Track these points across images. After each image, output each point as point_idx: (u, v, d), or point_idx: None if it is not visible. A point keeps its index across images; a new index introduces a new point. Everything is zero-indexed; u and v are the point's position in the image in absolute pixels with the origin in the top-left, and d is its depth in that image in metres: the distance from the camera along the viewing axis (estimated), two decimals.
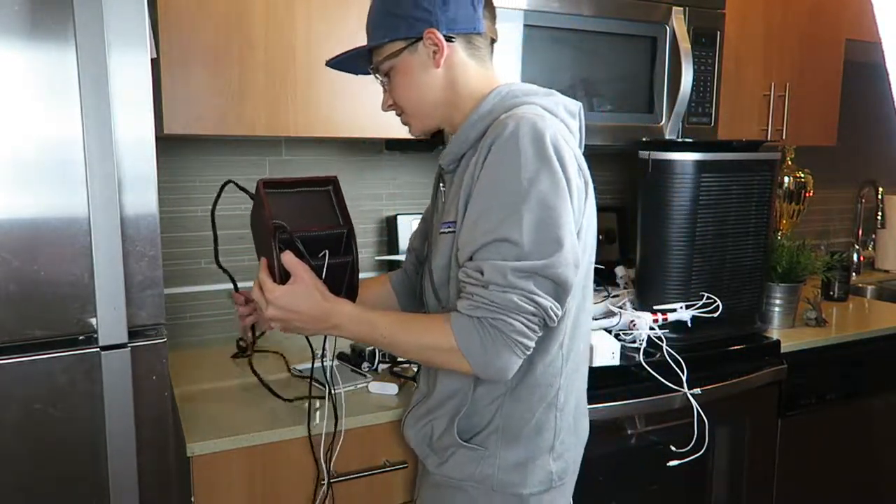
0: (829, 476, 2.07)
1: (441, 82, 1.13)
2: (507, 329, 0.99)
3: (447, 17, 1.09)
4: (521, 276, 0.99)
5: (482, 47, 1.15)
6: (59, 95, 1.04)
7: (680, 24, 1.87)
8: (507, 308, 0.99)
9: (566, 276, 1.01)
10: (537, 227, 0.99)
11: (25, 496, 1.09)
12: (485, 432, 1.13)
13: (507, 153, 1.01)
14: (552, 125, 1.04)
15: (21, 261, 1.04)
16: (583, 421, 1.25)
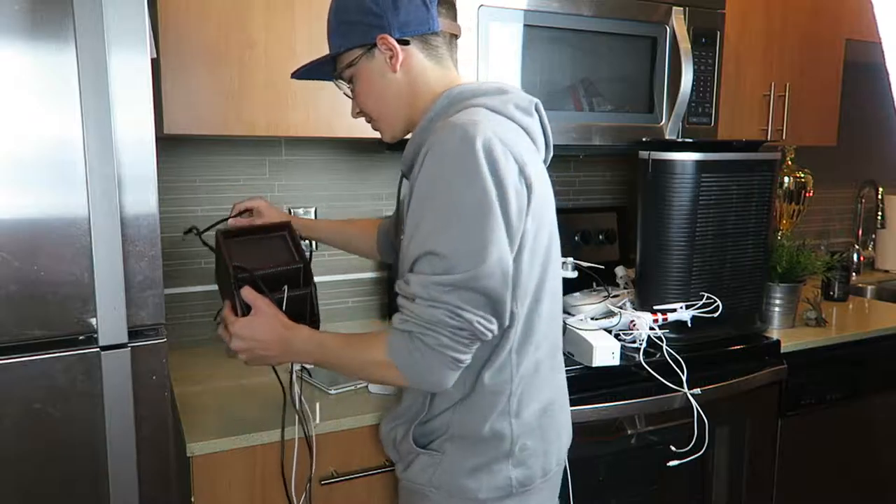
0: (829, 476, 2.07)
1: (401, 86, 1.12)
2: (434, 344, 0.98)
3: (399, 21, 1.08)
4: (445, 289, 0.97)
5: (440, 46, 1.12)
6: (59, 95, 1.04)
7: (680, 24, 1.87)
8: (432, 323, 0.98)
9: (493, 288, 0.98)
10: (461, 240, 0.97)
11: (25, 496, 1.09)
12: (440, 439, 1.13)
13: (436, 163, 1.00)
14: (487, 129, 0.99)
15: (21, 261, 1.04)
16: (553, 425, 1.18)
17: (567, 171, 2.33)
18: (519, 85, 1.73)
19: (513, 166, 1.01)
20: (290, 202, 1.94)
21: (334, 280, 2.01)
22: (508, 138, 1.03)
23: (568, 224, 2.23)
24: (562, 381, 1.23)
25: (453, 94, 1.09)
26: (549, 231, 1.12)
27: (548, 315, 1.14)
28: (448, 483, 1.12)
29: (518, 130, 1.08)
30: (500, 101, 1.08)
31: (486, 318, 0.99)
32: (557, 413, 1.20)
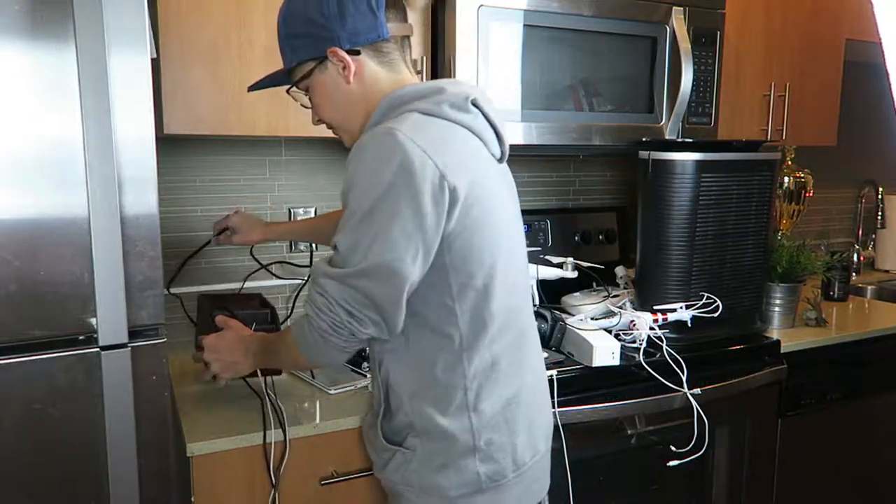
0: (829, 476, 2.07)
1: (356, 95, 1.12)
2: (318, 328, 1.05)
3: (347, 31, 1.08)
4: (329, 281, 1.03)
5: (392, 51, 1.12)
6: (59, 95, 1.04)
7: (680, 24, 1.87)
8: (316, 306, 1.05)
9: (371, 289, 1.01)
10: (355, 238, 1.01)
11: (25, 496, 1.09)
12: (409, 436, 1.14)
13: (353, 167, 1.03)
14: (406, 137, 1.00)
15: (21, 261, 1.04)
16: (521, 417, 1.16)
17: (567, 171, 2.33)
18: (519, 85, 1.73)
19: (430, 172, 1.00)
20: (290, 202, 1.94)
21: None
22: (433, 142, 1.02)
23: (568, 224, 2.23)
24: (531, 372, 1.20)
25: (392, 99, 1.09)
26: (495, 229, 1.09)
27: (504, 310, 1.12)
28: (419, 481, 1.13)
29: (454, 129, 1.07)
30: (433, 102, 1.07)
31: (360, 320, 1.03)
32: (526, 405, 1.17)
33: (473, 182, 1.05)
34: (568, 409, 1.54)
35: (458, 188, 1.02)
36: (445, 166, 1.01)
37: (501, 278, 1.11)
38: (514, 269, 1.15)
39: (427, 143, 1.01)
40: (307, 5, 1.09)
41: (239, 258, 1.90)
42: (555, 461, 1.54)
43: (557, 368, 1.58)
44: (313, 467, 1.36)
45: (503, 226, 1.12)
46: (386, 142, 1.00)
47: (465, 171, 1.04)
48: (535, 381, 1.22)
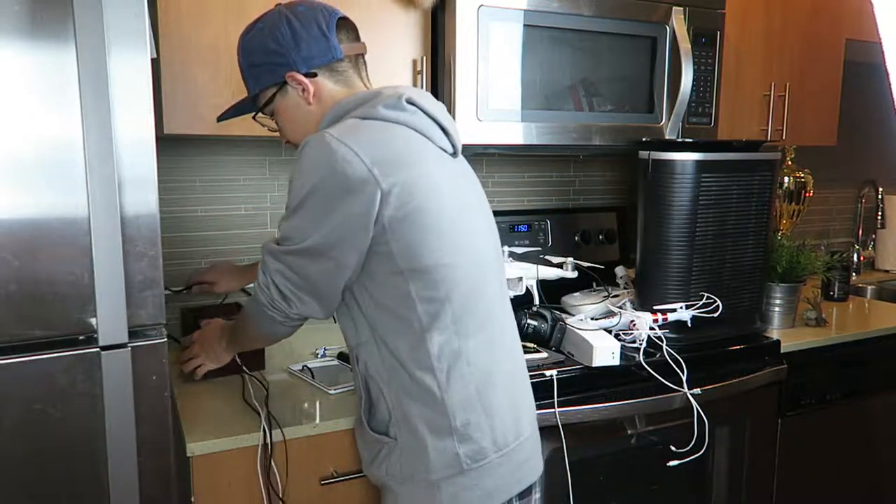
0: (829, 476, 2.07)
1: (316, 115, 1.19)
2: (259, 301, 1.18)
3: (302, 56, 1.16)
4: (269, 255, 1.14)
5: (346, 70, 1.20)
6: (59, 95, 1.04)
7: (680, 24, 1.87)
8: (258, 282, 1.17)
9: (305, 269, 1.11)
10: (295, 224, 1.11)
11: (25, 496, 1.09)
12: (391, 426, 1.18)
13: (293, 170, 1.12)
14: (333, 138, 1.07)
15: (21, 261, 1.04)
16: (498, 398, 1.18)
17: (567, 171, 2.34)
18: (519, 85, 1.73)
19: (357, 168, 1.06)
20: None
21: None
22: (361, 142, 1.08)
23: (568, 224, 2.23)
24: (506, 356, 1.22)
25: (335, 109, 1.17)
26: (444, 218, 1.12)
27: (462, 294, 1.14)
28: (401, 469, 1.16)
29: (390, 128, 1.13)
30: (368, 106, 1.14)
31: (290, 301, 1.15)
32: (503, 387, 1.19)
33: (413, 175, 1.10)
34: (568, 409, 1.54)
35: (388, 182, 1.07)
36: (374, 163, 1.07)
37: (455, 263, 1.14)
38: (472, 254, 1.17)
39: (355, 143, 1.07)
40: (263, 37, 1.18)
41: (238, 258, 1.90)
42: (555, 461, 1.54)
43: (557, 368, 1.59)
44: (313, 467, 1.36)
45: (455, 214, 1.15)
46: (317, 144, 1.08)
47: (400, 166, 1.09)
48: (512, 366, 1.24)
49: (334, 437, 1.37)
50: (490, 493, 1.16)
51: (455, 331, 1.14)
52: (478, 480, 1.15)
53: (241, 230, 1.89)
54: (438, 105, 1.21)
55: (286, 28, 1.16)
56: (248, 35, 1.22)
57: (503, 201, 2.25)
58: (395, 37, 1.66)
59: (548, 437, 1.54)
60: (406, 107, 1.15)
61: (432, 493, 1.15)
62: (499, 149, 1.84)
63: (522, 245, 2.10)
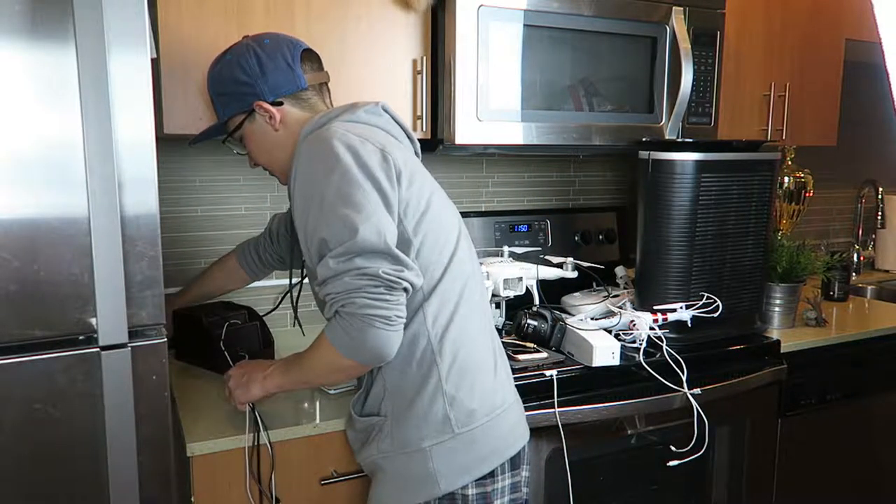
0: (829, 476, 2.07)
1: (283, 139, 1.26)
2: (354, 308, 1.07)
3: (269, 86, 1.23)
4: (342, 259, 1.08)
5: (311, 97, 1.27)
6: (59, 95, 1.04)
7: (680, 24, 1.87)
8: (346, 292, 1.08)
9: (375, 243, 1.08)
10: (339, 219, 1.08)
11: (25, 496, 1.09)
12: (384, 400, 1.22)
13: (303, 171, 1.14)
14: (340, 131, 1.13)
15: (21, 261, 1.04)
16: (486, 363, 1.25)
17: (567, 171, 2.33)
18: (519, 85, 1.73)
19: (372, 148, 1.13)
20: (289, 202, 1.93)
21: None
22: (363, 133, 1.16)
23: (568, 224, 2.23)
24: (485, 320, 1.29)
25: (311, 126, 1.20)
26: (437, 209, 1.22)
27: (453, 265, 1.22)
28: (392, 443, 1.20)
29: (372, 129, 1.20)
30: (350, 113, 1.21)
31: (390, 269, 1.08)
32: (486, 350, 1.26)
33: (403, 160, 1.18)
34: (568, 409, 1.54)
35: (397, 161, 1.16)
36: (381, 145, 1.16)
37: (446, 239, 1.23)
38: (447, 232, 1.24)
39: (358, 132, 1.15)
40: (232, 68, 1.24)
41: None
42: (555, 461, 1.54)
43: (557, 368, 1.59)
44: (313, 467, 1.36)
45: (433, 195, 1.23)
46: (322, 139, 1.13)
47: (394, 153, 1.17)
48: (491, 331, 1.31)
49: (334, 437, 1.37)
50: (484, 457, 1.20)
51: (447, 298, 1.21)
52: (469, 444, 1.18)
53: (241, 230, 1.89)
54: (403, 117, 1.34)
55: (253, 60, 1.23)
56: (216, 66, 1.28)
57: (503, 201, 2.25)
58: (395, 37, 1.67)
59: (548, 437, 1.54)
60: (382, 113, 1.26)
61: (425, 461, 1.18)
62: (499, 149, 1.84)
63: (522, 245, 2.10)
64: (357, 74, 1.63)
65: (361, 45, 1.62)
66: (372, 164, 1.12)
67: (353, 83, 1.63)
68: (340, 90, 1.60)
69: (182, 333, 1.67)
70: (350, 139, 1.13)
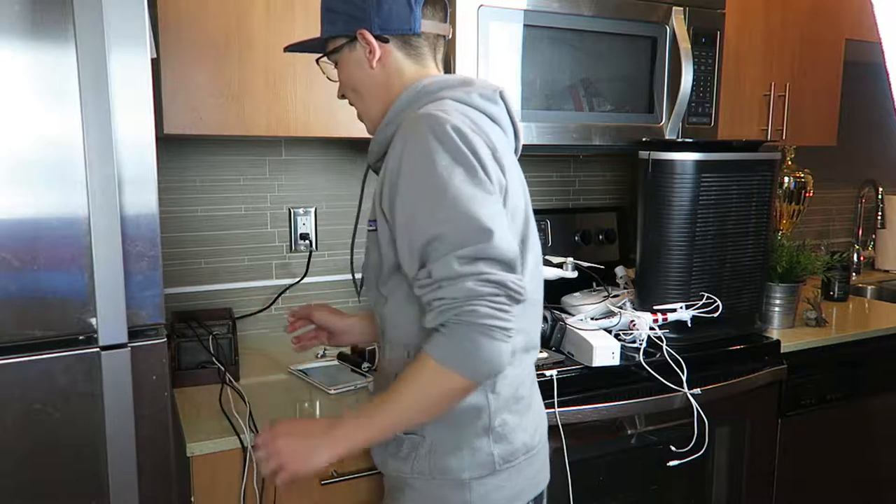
0: (829, 476, 2.07)
1: (378, 81, 1.13)
2: (474, 317, 0.95)
3: (381, 18, 1.09)
4: (466, 261, 0.96)
5: (421, 47, 1.13)
6: (59, 95, 1.04)
7: (680, 24, 1.87)
8: (467, 298, 0.95)
9: (507, 251, 0.98)
10: (466, 217, 0.97)
11: (25, 496, 1.09)
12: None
13: (417, 154, 1.00)
14: (457, 115, 1.03)
15: (21, 261, 1.04)
16: (527, 400, 1.16)
17: (567, 171, 2.33)
18: (519, 85, 1.73)
19: (486, 147, 1.03)
20: (290, 202, 1.94)
21: (334, 280, 2.01)
22: (477, 122, 1.06)
23: (568, 224, 2.23)
24: (531, 362, 1.20)
25: (418, 88, 1.09)
26: (523, 217, 1.13)
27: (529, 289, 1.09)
28: (430, 466, 1.10)
29: (484, 118, 1.10)
30: (464, 91, 1.09)
31: (516, 277, 0.98)
32: (532, 384, 1.19)
33: (507, 166, 1.09)
34: (568, 409, 1.54)
35: (504, 166, 1.07)
36: (492, 144, 1.05)
37: (529, 268, 1.12)
38: (533, 253, 1.15)
39: (473, 122, 1.05)
40: None
41: (238, 258, 1.90)
42: (555, 461, 1.54)
43: (557, 368, 1.58)
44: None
45: (526, 217, 1.14)
46: (440, 119, 1.01)
47: (501, 153, 1.07)
48: (532, 369, 1.21)
49: None
50: (516, 494, 1.14)
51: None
52: (507, 481, 1.12)
53: (241, 230, 1.89)
54: (516, 106, 1.19)
55: None
56: None
57: None
58: None
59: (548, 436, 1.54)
60: (498, 100, 1.13)
61: (462, 492, 1.10)
62: None
63: None
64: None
65: None
66: (486, 163, 1.02)
67: None
68: None
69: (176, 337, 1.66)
70: (465, 131, 1.01)
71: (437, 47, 1.16)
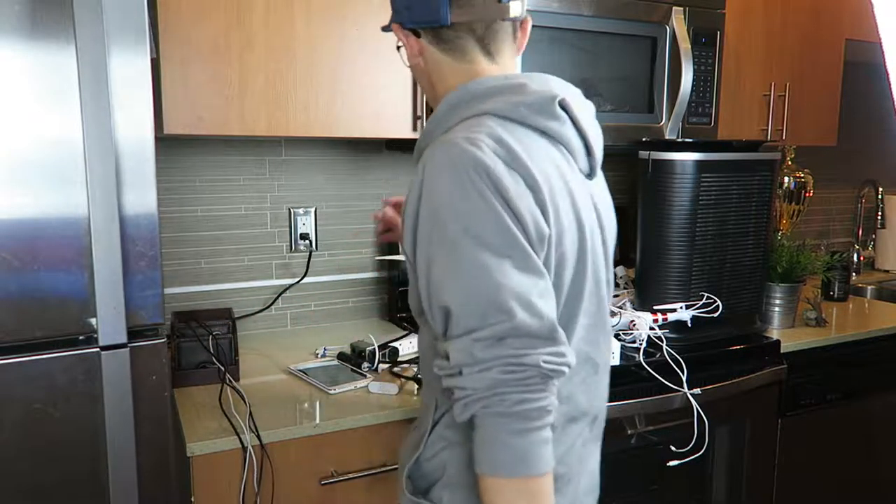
0: (829, 476, 2.07)
1: (424, 76, 1.04)
2: (505, 408, 0.82)
3: (409, 10, 0.99)
4: (487, 344, 0.82)
5: (457, 40, 0.98)
6: (59, 95, 1.04)
7: (680, 24, 1.87)
8: (492, 388, 0.82)
9: (537, 326, 0.83)
10: (482, 291, 0.83)
11: (25, 496, 1.09)
12: (437, 485, 0.98)
13: (434, 200, 0.86)
14: (489, 144, 0.87)
15: (21, 261, 1.04)
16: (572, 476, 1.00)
17: None
18: None
19: (524, 190, 0.87)
20: (290, 202, 1.94)
21: (334, 280, 2.01)
22: (517, 153, 0.88)
23: None
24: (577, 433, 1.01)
25: (458, 96, 0.96)
26: (574, 264, 0.95)
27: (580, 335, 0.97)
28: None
29: (535, 138, 0.92)
30: (510, 104, 0.92)
31: (551, 353, 0.84)
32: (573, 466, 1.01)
33: (559, 202, 0.91)
34: None
35: (549, 207, 0.89)
36: (534, 181, 0.88)
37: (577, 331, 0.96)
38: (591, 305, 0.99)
39: (511, 153, 0.87)
40: None
41: (238, 258, 1.90)
42: None
43: None
44: (313, 467, 1.36)
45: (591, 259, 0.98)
46: (456, 157, 0.86)
47: (552, 187, 0.90)
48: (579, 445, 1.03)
49: (334, 437, 1.37)
50: None
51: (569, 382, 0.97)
52: None
53: (241, 230, 1.89)
54: (588, 112, 1.00)
55: None
56: None
57: None
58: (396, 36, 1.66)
59: None
60: (558, 113, 0.94)
61: None
62: None
63: None
64: (357, 74, 1.63)
65: (362, 45, 1.62)
66: (523, 214, 0.85)
67: (355, 84, 1.62)
68: (340, 90, 1.61)
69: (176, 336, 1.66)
70: (497, 170, 0.85)
71: (488, 34, 0.98)
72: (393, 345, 1.69)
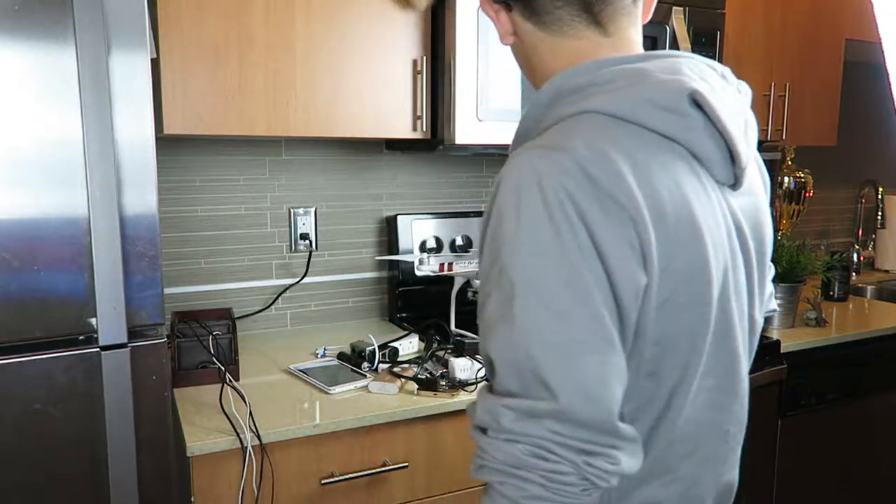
0: (829, 476, 2.07)
1: (522, 57, 0.86)
2: (519, 496, 0.66)
3: None
4: (519, 417, 0.66)
5: (556, 10, 0.77)
6: (59, 95, 1.04)
7: (680, 24, 1.87)
8: (512, 465, 0.66)
9: (586, 416, 0.65)
10: (522, 354, 0.66)
11: (25, 496, 1.09)
12: None
13: (501, 224, 0.68)
14: (579, 164, 0.66)
15: (21, 261, 1.04)
16: None
17: None
18: (519, 85, 1.73)
19: (618, 226, 0.66)
20: (290, 202, 1.94)
21: (334, 280, 2.01)
22: (620, 175, 0.66)
23: None
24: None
25: (555, 88, 0.76)
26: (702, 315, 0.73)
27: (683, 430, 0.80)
28: None
29: (653, 147, 0.70)
30: (628, 100, 0.70)
31: (601, 452, 0.66)
32: None
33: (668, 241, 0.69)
34: None
35: (651, 250, 0.67)
36: (638, 204, 0.66)
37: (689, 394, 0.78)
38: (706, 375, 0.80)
39: (607, 176, 0.66)
40: None
41: (238, 258, 1.90)
42: None
43: None
44: (313, 467, 1.36)
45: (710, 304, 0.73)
46: (524, 182, 0.67)
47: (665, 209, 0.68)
48: None
49: (334, 438, 1.37)
50: None
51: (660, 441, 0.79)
52: None
53: (241, 230, 1.90)
54: (738, 108, 0.75)
55: None
56: None
57: None
58: (396, 36, 1.66)
59: None
60: (688, 112, 0.70)
61: None
62: (499, 149, 1.83)
63: None
64: (357, 74, 1.63)
65: (362, 45, 1.62)
66: (610, 252, 0.66)
67: (354, 83, 1.63)
68: (341, 90, 1.61)
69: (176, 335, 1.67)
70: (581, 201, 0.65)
71: (596, 7, 0.76)
72: (393, 345, 1.69)
